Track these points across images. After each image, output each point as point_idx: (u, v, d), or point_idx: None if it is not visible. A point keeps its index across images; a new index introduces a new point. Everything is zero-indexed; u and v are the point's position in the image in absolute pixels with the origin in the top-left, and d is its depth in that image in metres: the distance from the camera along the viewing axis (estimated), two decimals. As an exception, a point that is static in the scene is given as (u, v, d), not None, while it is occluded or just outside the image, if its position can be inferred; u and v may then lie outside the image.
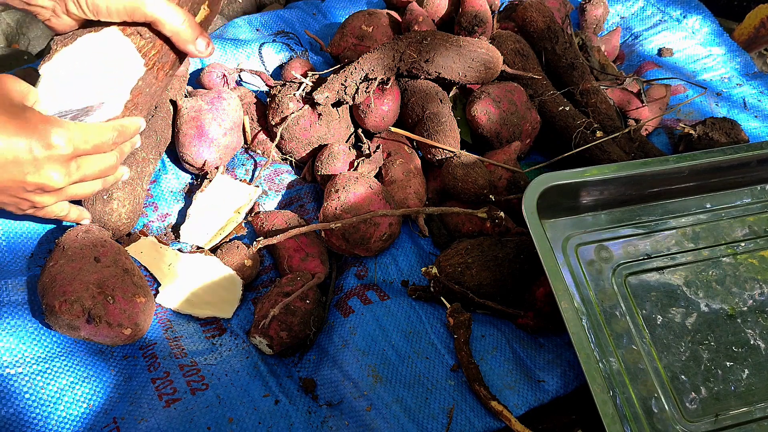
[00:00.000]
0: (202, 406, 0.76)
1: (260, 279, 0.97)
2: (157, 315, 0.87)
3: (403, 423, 0.77)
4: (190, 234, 0.96)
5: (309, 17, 1.40)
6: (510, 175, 1.02)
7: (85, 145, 0.62)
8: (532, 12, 1.18)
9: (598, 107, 1.13)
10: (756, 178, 1.00)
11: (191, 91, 1.07)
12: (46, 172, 0.59)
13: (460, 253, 0.89)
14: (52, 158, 0.58)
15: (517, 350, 0.85)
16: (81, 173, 0.65)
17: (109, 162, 0.69)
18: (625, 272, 0.90)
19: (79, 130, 0.62)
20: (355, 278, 0.94)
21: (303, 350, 0.88)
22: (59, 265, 0.78)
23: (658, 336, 0.86)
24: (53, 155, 0.58)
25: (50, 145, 0.57)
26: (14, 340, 0.75)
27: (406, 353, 0.83)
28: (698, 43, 1.41)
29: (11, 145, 0.55)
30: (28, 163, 0.57)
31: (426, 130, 1.03)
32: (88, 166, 0.66)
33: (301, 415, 0.78)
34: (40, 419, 0.72)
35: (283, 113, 1.04)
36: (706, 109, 1.28)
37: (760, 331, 0.88)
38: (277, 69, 1.25)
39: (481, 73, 1.07)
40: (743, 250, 0.95)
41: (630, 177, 0.92)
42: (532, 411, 0.80)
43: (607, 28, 1.47)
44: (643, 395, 0.81)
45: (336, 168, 1.02)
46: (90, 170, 0.67)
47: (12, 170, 0.56)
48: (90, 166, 0.66)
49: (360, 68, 1.01)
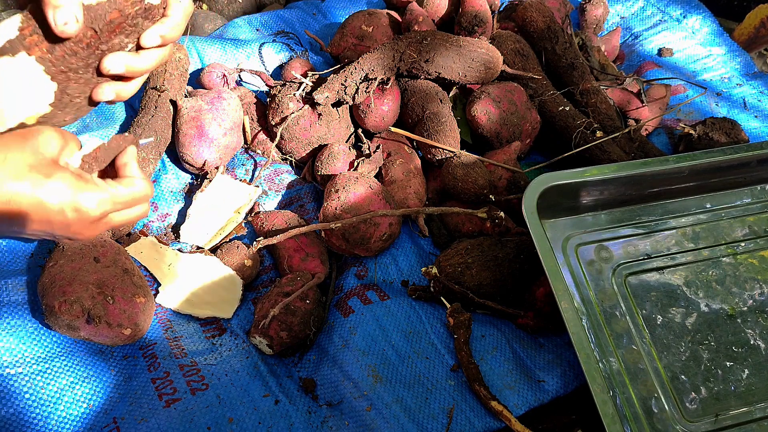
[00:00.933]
0: (202, 406, 0.76)
1: (260, 279, 0.97)
2: (157, 315, 0.87)
3: (403, 423, 0.77)
4: (190, 234, 0.96)
5: (309, 17, 1.40)
6: (510, 175, 1.02)
7: (116, 207, 0.61)
8: (532, 12, 1.18)
9: (598, 107, 1.13)
10: (756, 178, 1.00)
11: (191, 91, 1.07)
12: (75, 231, 0.59)
13: (460, 253, 0.89)
14: (82, 220, 0.58)
15: (517, 350, 0.85)
16: (113, 223, 0.64)
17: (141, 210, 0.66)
18: (625, 272, 0.90)
19: (111, 190, 0.60)
20: (355, 278, 0.94)
21: (303, 350, 0.88)
22: (59, 266, 0.78)
23: (658, 336, 0.85)
24: (83, 218, 0.58)
25: (80, 210, 0.57)
26: (14, 340, 0.75)
27: (406, 353, 0.83)
28: (698, 43, 1.41)
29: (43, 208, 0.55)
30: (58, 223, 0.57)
31: (426, 130, 1.03)
32: (120, 218, 0.64)
33: (301, 415, 0.78)
34: (40, 419, 0.72)
35: (283, 113, 1.04)
36: (706, 109, 1.28)
37: (760, 331, 0.87)
38: (277, 69, 1.25)
39: (481, 73, 1.07)
40: (743, 250, 0.95)
41: (630, 177, 0.92)
42: (532, 411, 0.80)
43: (607, 28, 1.47)
44: (643, 395, 0.80)
45: (336, 168, 1.02)
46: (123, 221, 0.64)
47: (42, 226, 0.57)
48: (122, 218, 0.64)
49: (360, 68, 1.01)
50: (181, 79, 1.06)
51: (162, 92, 1.01)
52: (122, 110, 1.10)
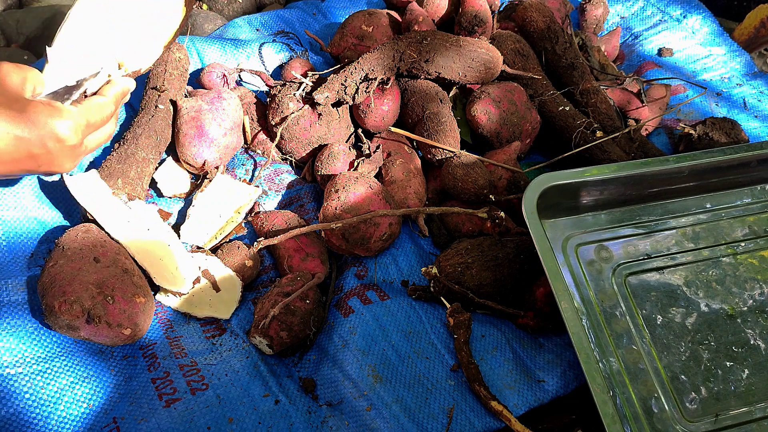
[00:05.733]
0: (202, 406, 0.76)
1: (260, 279, 0.97)
2: (157, 315, 0.87)
3: (403, 423, 0.77)
4: (190, 234, 0.96)
5: (309, 17, 1.40)
6: (510, 175, 1.02)
7: (90, 128, 0.64)
8: (532, 12, 1.18)
9: (598, 107, 1.13)
10: (756, 178, 1.00)
11: (191, 91, 1.07)
12: (58, 162, 0.62)
13: (460, 253, 0.89)
14: (63, 149, 0.60)
15: (517, 350, 0.85)
16: (89, 149, 0.70)
17: (110, 130, 0.72)
18: (625, 272, 0.90)
19: (84, 114, 0.63)
20: (355, 278, 0.94)
21: (303, 350, 0.88)
22: (59, 266, 0.78)
23: (658, 336, 0.86)
24: (64, 147, 0.59)
25: (60, 139, 0.59)
26: (14, 340, 0.75)
27: (406, 353, 0.83)
28: (698, 43, 1.41)
29: (24, 143, 0.56)
30: (42, 155, 0.59)
31: (426, 130, 1.03)
32: (94, 141, 0.69)
33: (301, 415, 0.78)
34: (40, 419, 0.72)
35: (283, 113, 1.04)
36: (706, 109, 1.28)
37: (760, 331, 0.88)
38: (277, 69, 1.25)
39: (481, 73, 1.07)
40: (743, 250, 0.95)
41: (630, 177, 0.92)
42: (532, 411, 0.80)
43: (607, 28, 1.47)
44: (643, 395, 0.81)
45: (336, 168, 1.02)
46: (96, 144, 0.71)
47: (27, 163, 0.59)
48: (95, 140, 0.69)
49: (360, 68, 1.01)
50: (181, 79, 1.06)
51: (162, 92, 1.01)
52: (122, 110, 1.10)
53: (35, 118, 0.56)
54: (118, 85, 0.72)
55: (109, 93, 0.69)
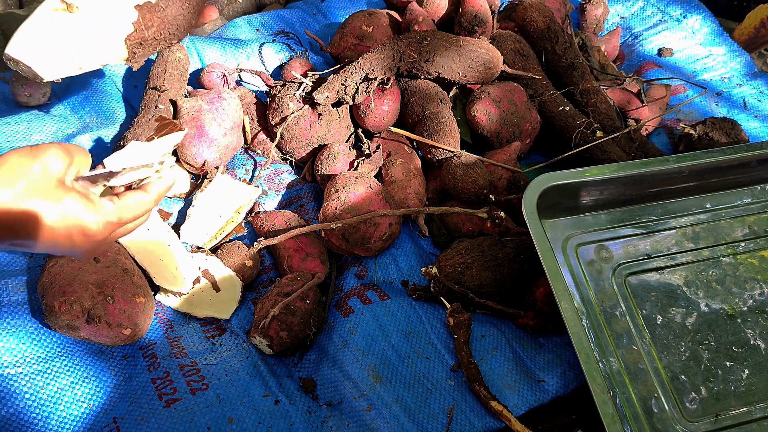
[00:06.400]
0: (202, 406, 0.76)
1: (260, 279, 0.97)
2: (157, 315, 0.87)
3: (403, 423, 0.77)
4: (190, 234, 0.96)
5: (309, 17, 1.40)
6: (510, 175, 1.02)
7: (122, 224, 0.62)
8: (532, 12, 1.18)
9: (598, 107, 1.13)
10: (756, 178, 1.00)
11: (191, 91, 1.07)
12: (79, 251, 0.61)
13: (460, 253, 0.89)
14: (87, 242, 0.59)
15: (517, 350, 0.85)
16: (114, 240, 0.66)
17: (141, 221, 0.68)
18: (625, 272, 0.90)
19: (118, 212, 0.60)
20: (355, 278, 0.94)
21: (303, 350, 0.88)
22: (59, 266, 0.78)
23: (658, 336, 0.85)
24: (88, 240, 0.59)
25: (87, 234, 0.58)
26: (14, 340, 0.75)
27: (406, 353, 0.83)
28: (698, 43, 1.41)
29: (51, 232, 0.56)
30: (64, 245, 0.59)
31: (426, 130, 1.03)
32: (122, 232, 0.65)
33: (301, 415, 0.78)
34: (40, 419, 0.72)
35: (283, 113, 1.04)
36: (706, 109, 1.28)
37: (760, 331, 0.87)
38: (277, 69, 1.25)
39: (481, 73, 1.07)
40: (743, 250, 0.95)
41: (630, 177, 0.92)
42: (532, 411, 0.80)
43: (607, 28, 1.47)
44: (643, 395, 0.80)
45: (336, 168, 1.02)
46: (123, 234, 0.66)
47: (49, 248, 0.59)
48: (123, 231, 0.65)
49: (360, 68, 1.01)
50: (181, 79, 1.06)
51: (162, 92, 1.01)
52: (122, 110, 1.10)
53: (68, 211, 0.56)
54: (164, 180, 0.67)
55: (152, 190, 0.65)
